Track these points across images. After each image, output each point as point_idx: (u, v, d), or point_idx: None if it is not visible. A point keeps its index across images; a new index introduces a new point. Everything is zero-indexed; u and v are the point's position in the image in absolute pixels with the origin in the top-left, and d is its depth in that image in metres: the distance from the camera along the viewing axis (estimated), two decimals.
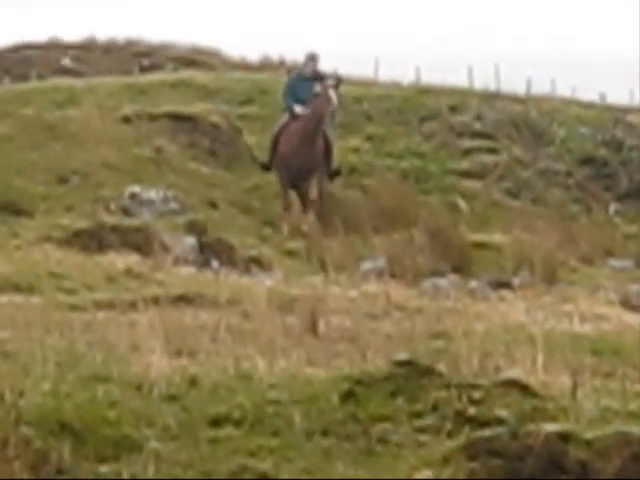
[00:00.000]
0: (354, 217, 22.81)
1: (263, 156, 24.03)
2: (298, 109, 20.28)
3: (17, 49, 47.47)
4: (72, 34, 51.46)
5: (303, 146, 19.64)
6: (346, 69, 33.57)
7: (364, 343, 11.33)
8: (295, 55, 39.55)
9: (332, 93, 20.70)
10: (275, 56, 44.71)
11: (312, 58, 21.30)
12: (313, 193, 19.92)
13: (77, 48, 48.22)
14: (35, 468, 6.96)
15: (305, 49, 21.49)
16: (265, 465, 7.06)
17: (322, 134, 20.20)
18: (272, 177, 25.15)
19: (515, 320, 14.17)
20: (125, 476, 6.96)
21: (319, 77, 21.13)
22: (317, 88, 20.78)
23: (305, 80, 21.51)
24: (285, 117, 20.96)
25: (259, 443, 7.46)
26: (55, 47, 48.57)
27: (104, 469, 7.03)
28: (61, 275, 17.30)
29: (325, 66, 22.87)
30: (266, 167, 21.09)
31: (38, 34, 52.84)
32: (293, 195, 23.44)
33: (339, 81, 21.41)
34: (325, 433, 7.63)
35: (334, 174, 21.40)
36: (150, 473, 6.97)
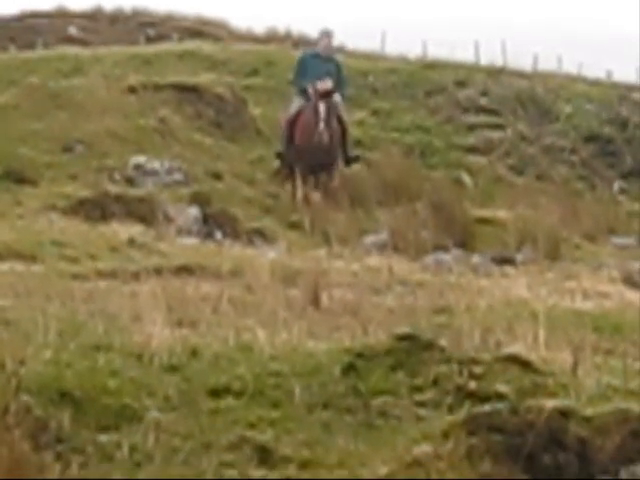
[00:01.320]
0: (358, 191, 22.20)
1: (267, 128, 23.64)
2: (311, 99, 19.17)
3: (23, 17, 47.23)
4: (79, 3, 51.20)
5: (311, 143, 18.78)
6: (353, 42, 33.43)
7: (366, 317, 10.89)
8: (301, 27, 39.73)
9: (321, 108, 19.58)
10: (282, 28, 43.70)
11: (327, 34, 20.26)
12: (335, 181, 19.19)
13: (83, 17, 47.78)
14: (35, 436, 6.76)
15: (310, 20, 21.00)
16: (265, 437, 6.91)
17: (338, 118, 19.15)
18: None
19: (517, 296, 13.87)
20: (125, 446, 6.81)
21: (332, 63, 20.20)
22: (311, 99, 19.64)
23: (318, 59, 20.21)
24: (298, 101, 19.69)
25: (259, 415, 7.27)
26: (61, 16, 48.12)
27: (104, 438, 6.89)
28: (64, 244, 16.99)
29: (335, 40, 22.11)
30: (282, 157, 19.99)
31: (44, 2, 52.39)
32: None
33: (330, 92, 20.35)
34: (325, 406, 7.45)
35: (352, 160, 20.54)
36: (150, 443, 6.85)
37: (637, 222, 25.77)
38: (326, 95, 19.66)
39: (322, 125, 19.10)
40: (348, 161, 20.95)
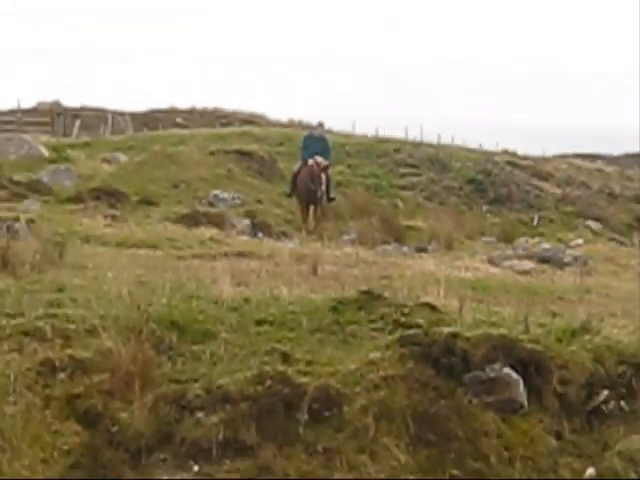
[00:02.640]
0: (339, 211, 27.64)
1: (288, 175, 29.61)
2: (310, 161, 23.83)
3: (150, 112, 60.51)
4: (182, 103, 66.04)
5: (308, 181, 22.66)
6: (336, 127, 40.37)
7: (343, 281, 12.55)
8: (306, 118, 52.21)
9: (314, 168, 24.23)
10: (295, 119, 57.83)
11: (320, 125, 25.47)
12: (319, 211, 23.51)
13: (185, 112, 60.99)
14: (157, 346, 8.38)
15: (315, 117, 25.87)
16: (286, 347, 8.51)
17: (326, 177, 23.25)
18: None
19: (428, 270, 15.89)
20: (207, 352, 8.45)
21: (322, 141, 25.20)
22: (310, 161, 24.31)
23: (314, 138, 25.10)
24: (298, 163, 25.10)
25: (282, 335, 8.90)
26: (172, 111, 61.67)
27: (195, 347, 8.58)
28: (173, 239, 19.56)
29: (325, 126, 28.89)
30: (289, 195, 24.44)
31: (162, 103, 70.13)
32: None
33: (326, 166, 24.29)
34: (320, 330, 9.08)
35: (331, 200, 25.46)
36: (221, 351, 8.48)
37: (496, 229, 31.43)
38: (324, 169, 24.28)
39: (315, 180, 23.99)
40: (329, 200, 25.81)
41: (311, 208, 24.57)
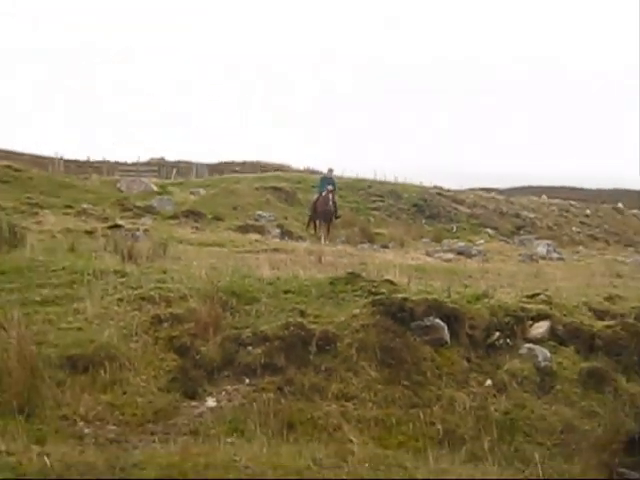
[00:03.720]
0: (335, 224, 26.89)
1: (305, 203, 29.46)
2: (323, 192, 23.12)
3: (219, 164, 57.90)
4: (239, 157, 62.46)
5: (324, 206, 22.57)
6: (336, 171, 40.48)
7: (337, 266, 12.58)
8: (318, 165, 49.51)
9: (329, 195, 23.99)
10: (311, 167, 55.12)
11: (330, 170, 25.70)
12: (332, 225, 23.38)
13: (240, 164, 57.89)
14: (223, 307, 8.30)
15: (326, 164, 26.36)
16: (302, 307, 8.48)
17: (333, 201, 23.08)
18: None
19: (389, 259, 15.86)
20: (254, 310, 8.38)
21: (332, 180, 24.36)
22: (324, 192, 24.05)
23: (327, 179, 24.95)
24: (316, 195, 24.20)
25: (300, 300, 8.80)
26: (230, 164, 58.05)
27: (247, 307, 8.49)
28: (233, 241, 19.39)
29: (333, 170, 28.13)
30: (310, 217, 24.36)
31: (228, 157, 63.68)
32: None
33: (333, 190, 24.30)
34: (322, 296, 8.94)
35: (338, 217, 25.08)
36: (263, 309, 8.40)
37: (430, 234, 31.11)
38: (331, 191, 23.69)
39: (329, 204, 23.49)
40: (337, 217, 25.20)
41: (324, 224, 24.15)
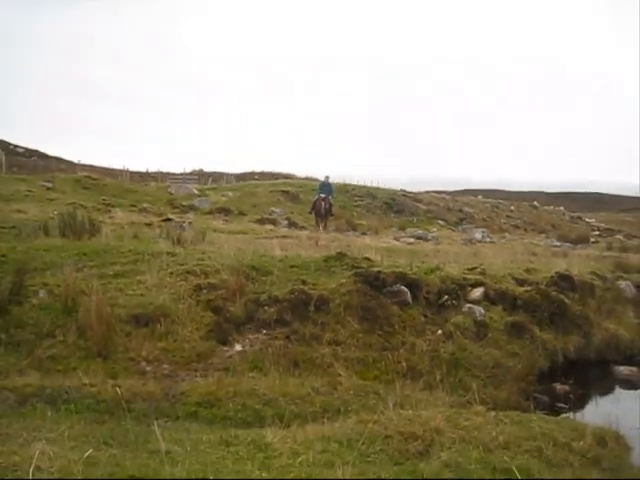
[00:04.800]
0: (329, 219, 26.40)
1: (307, 202, 27.19)
2: (322, 195, 21.17)
3: (244, 174, 51.58)
4: (257, 168, 56.03)
5: (319, 207, 20.86)
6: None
7: (330, 248, 11.88)
8: (318, 173, 43.14)
9: (322, 202, 21.46)
10: (311, 174, 48.54)
11: (327, 177, 23.02)
12: (327, 222, 21.76)
13: (258, 173, 52.47)
14: (246, 277, 8.11)
15: (323, 172, 24.31)
16: (303, 277, 8.34)
17: (326, 205, 21.27)
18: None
19: (367, 243, 15.10)
20: (268, 281, 8.14)
21: (328, 185, 22.54)
22: (322, 195, 21.59)
23: (325, 184, 22.41)
24: (315, 196, 22.01)
25: (302, 272, 8.62)
26: (253, 173, 52.64)
27: (264, 278, 8.27)
28: (253, 230, 18.59)
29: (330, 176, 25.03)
30: (310, 212, 22.71)
31: (253, 167, 57.56)
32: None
33: (327, 198, 22.63)
34: (319, 270, 8.79)
35: (332, 215, 22.78)
36: (275, 278, 8.23)
37: (397, 224, 29.59)
38: (325, 199, 21.24)
39: (322, 208, 21.27)
40: (331, 215, 22.57)
41: (322, 220, 21.86)
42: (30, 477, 2.98)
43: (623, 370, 8.35)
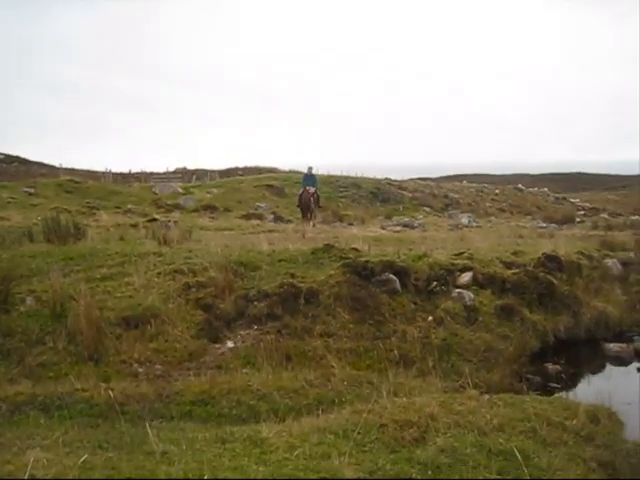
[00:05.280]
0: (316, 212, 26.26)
1: (295, 199, 25.87)
2: (308, 188, 19.97)
3: (228, 170, 51.39)
4: (243, 162, 57.90)
5: (307, 201, 19.91)
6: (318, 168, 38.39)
7: (317, 240, 11.83)
8: (299, 164, 43.09)
9: (308, 195, 20.30)
10: (295, 167, 47.40)
11: (310, 168, 21.79)
12: (313, 214, 20.66)
13: (242, 169, 52.09)
14: (235, 274, 8.10)
15: (306, 163, 23.16)
16: (292, 271, 8.35)
17: (315, 193, 20.37)
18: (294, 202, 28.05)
19: (354, 233, 15.04)
20: (257, 276, 8.16)
21: (312, 176, 21.42)
22: (309, 188, 20.41)
23: (309, 176, 21.31)
24: (301, 190, 21.00)
25: (291, 266, 8.64)
26: (235, 169, 52.03)
27: (252, 273, 8.29)
28: (239, 226, 18.43)
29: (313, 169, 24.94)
30: (298, 206, 21.73)
31: (235, 163, 60.59)
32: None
33: (315, 192, 22.13)
34: (307, 262, 8.80)
35: (320, 206, 21.85)
36: (264, 273, 8.25)
37: (383, 213, 30.02)
38: (313, 194, 20.29)
39: (309, 199, 20.13)
40: (319, 207, 21.63)
41: (309, 213, 20.78)
42: None
43: (613, 347, 8.44)
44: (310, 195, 20.65)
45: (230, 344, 7.03)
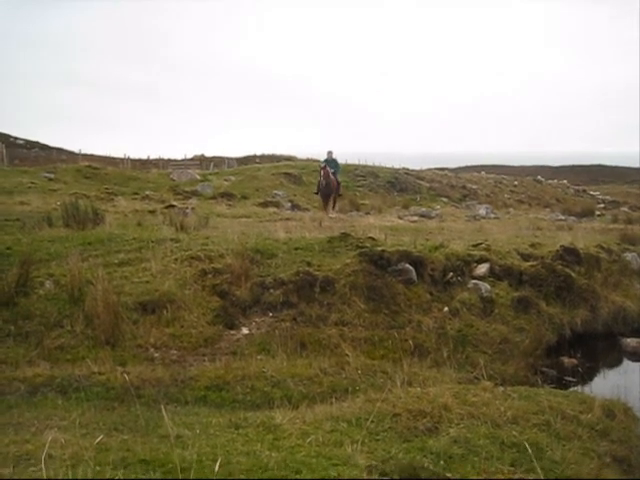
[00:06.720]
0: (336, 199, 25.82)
1: (312, 188, 25.29)
2: (325, 169, 19.22)
3: (246, 157, 51.08)
4: (261, 150, 57.09)
5: (327, 178, 19.20)
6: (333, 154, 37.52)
7: (333, 228, 11.87)
8: (318, 151, 42.69)
9: (323, 180, 20.07)
10: (313, 155, 46.65)
11: (330, 152, 21.03)
12: (333, 201, 20.03)
13: (259, 157, 51.04)
14: (251, 261, 8.17)
15: (326, 148, 22.52)
16: (308, 259, 8.38)
17: (335, 178, 19.65)
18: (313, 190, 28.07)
19: (371, 222, 14.80)
20: (273, 263, 8.17)
21: (333, 160, 20.69)
22: (327, 169, 18.44)
23: (329, 160, 20.52)
24: (319, 177, 19.78)
25: (307, 254, 8.67)
26: (253, 157, 51.42)
27: (268, 261, 8.35)
28: (257, 213, 18.35)
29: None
30: (316, 193, 21.05)
31: (251, 150, 59.03)
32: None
33: (334, 173, 21.58)
34: (323, 251, 8.79)
35: (340, 195, 21.23)
36: (280, 261, 8.28)
37: (400, 203, 28.85)
38: (327, 174, 19.07)
39: (326, 188, 18.96)
40: (339, 196, 20.85)
41: (330, 200, 19.20)
42: (42, 464, 2.98)
43: (630, 342, 8.38)
44: (324, 180, 20.15)
45: (245, 331, 7.06)
